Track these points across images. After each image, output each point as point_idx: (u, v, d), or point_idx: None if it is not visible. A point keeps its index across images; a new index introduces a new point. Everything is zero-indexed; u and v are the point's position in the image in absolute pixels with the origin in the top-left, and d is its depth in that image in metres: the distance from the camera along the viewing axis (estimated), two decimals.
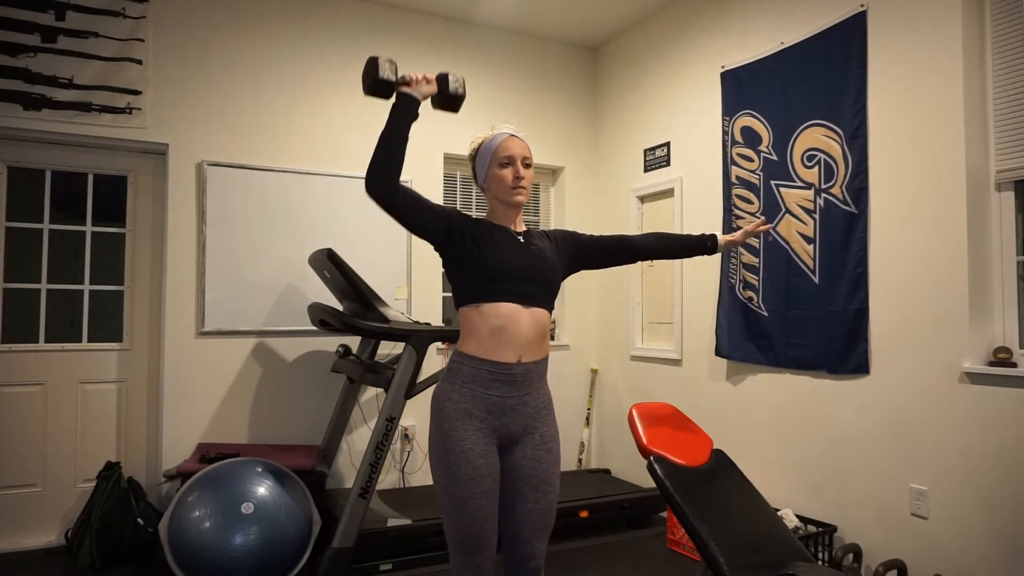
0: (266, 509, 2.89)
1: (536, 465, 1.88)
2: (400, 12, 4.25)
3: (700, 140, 3.91)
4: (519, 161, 1.92)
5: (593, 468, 4.62)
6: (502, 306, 1.84)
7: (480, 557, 1.80)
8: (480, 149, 1.98)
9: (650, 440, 2.42)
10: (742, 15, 3.63)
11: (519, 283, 1.87)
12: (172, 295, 3.64)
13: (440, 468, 1.82)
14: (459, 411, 1.82)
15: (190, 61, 3.71)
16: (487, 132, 2.00)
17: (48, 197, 3.60)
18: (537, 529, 1.89)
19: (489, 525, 1.81)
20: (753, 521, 2.34)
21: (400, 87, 1.85)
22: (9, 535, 3.44)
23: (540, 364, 1.92)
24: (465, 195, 4.59)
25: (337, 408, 3.75)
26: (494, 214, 1.99)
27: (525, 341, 1.86)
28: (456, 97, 1.95)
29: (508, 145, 1.93)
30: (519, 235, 1.98)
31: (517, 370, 1.85)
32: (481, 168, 1.98)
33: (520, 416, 1.87)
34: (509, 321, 1.84)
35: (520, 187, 1.92)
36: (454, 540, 1.81)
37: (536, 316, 1.89)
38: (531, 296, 1.88)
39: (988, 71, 2.66)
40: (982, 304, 2.61)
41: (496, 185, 1.94)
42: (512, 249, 1.91)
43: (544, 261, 1.95)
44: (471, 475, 1.78)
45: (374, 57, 1.83)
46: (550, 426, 1.94)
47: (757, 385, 3.50)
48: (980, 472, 2.54)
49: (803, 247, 3.21)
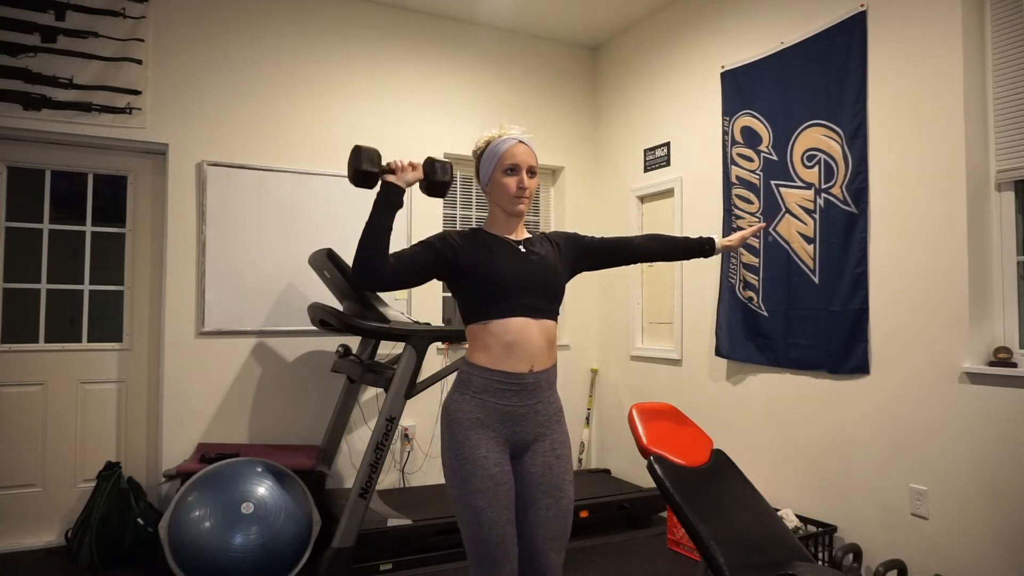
0: (266, 509, 2.89)
1: (547, 472, 1.86)
2: (400, 12, 4.25)
3: (700, 140, 3.91)
4: (524, 170, 1.88)
5: (593, 468, 4.62)
6: (511, 321, 1.83)
7: (502, 572, 1.75)
8: (486, 150, 1.93)
9: (650, 440, 2.42)
10: (742, 15, 3.63)
11: (524, 296, 1.85)
12: (172, 295, 3.64)
13: (455, 478, 1.79)
14: (471, 421, 1.81)
15: (190, 61, 3.71)
16: (495, 131, 1.95)
17: (48, 197, 3.60)
18: (551, 537, 1.84)
19: (508, 536, 1.76)
20: (753, 521, 2.34)
21: (384, 176, 1.82)
22: (9, 535, 3.44)
23: (550, 372, 1.92)
24: (465, 195, 4.59)
25: (337, 408, 3.75)
26: (494, 220, 1.96)
27: (536, 351, 1.86)
28: (443, 183, 1.91)
29: (515, 152, 1.88)
30: (519, 244, 1.94)
31: (528, 379, 1.85)
32: (485, 171, 1.93)
33: (531, 424, 1.87)
34: (519, 335, 1.83)
35: (523, 197, 1.89)
36: (473, 553, 1.77)
37: (544, 327, 1.89)
38: (538, 308, 1.88)
39: (988, 71, 2.66)
40: (982, 304, 2.61)
41: (498, 192, 1.91)
42: (513, 262, 1.88)
43: (546, 270, 1.92)
44: (487, 483, 1.76)
45: (357, 147, 1.82)
46: (560, 433, 1.93)
47: (757, 385, 3.50)
48: (980, 472, 2.54)
49: (803, 247, 3.21)
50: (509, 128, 1.95)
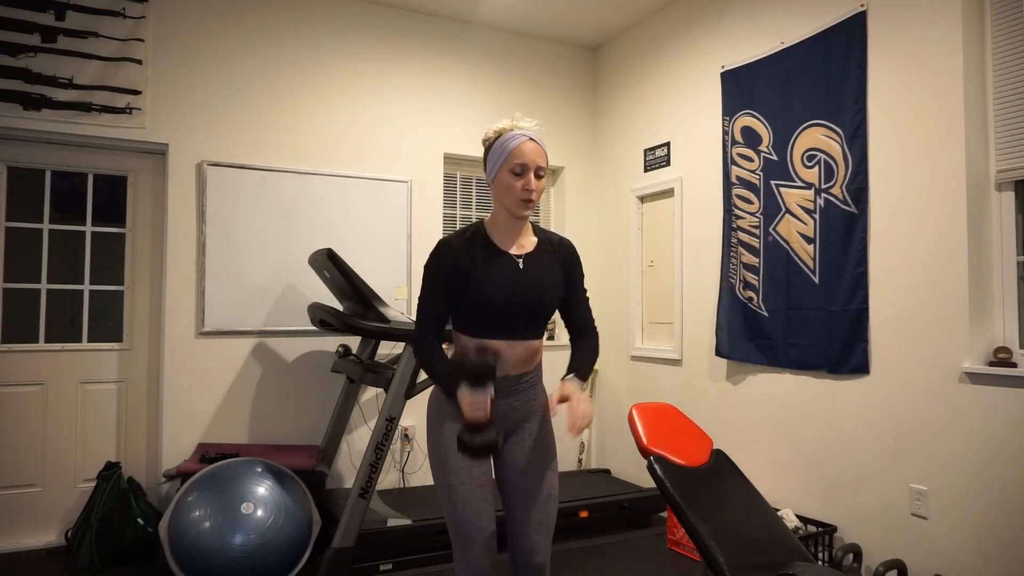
0: (266, 509, 2.89)
1: (526, 459, 1.92)
2: (400, 12, 4.25)
3: (700, 140, 3.90)
4: (532, 171, 1.81)
5: (593, 468, 4.61)
6: (494, 342, 1.85)
7: (477, 547, 1.80)
8: (495, 144, 1.85)
9: (650, 440, 2.42)
10: (742, 15, 3.63)
11: (512, 321, 1.85)
12: (172, 295, 3.64)
13: (435, 462, 1.88)
14: (452, 411, 1.86)
15: (190, 61, 3.71)
16: (506, 121, 1.87)
17: (48, 197, 3.60)
18: (535, 521, 1.90)
19: (483, 514, 1.82)
20: (753, 521, 2.34)
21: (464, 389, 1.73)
22: (9, 535, 3.44)
23: (530, 374, 1.95)
24: (465, 195, 4.58)
25: (337, 408, 3.75)
26: (497, 221, 1.90)
27: (514, 364, 1.90)
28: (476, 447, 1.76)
29: (524, 150, 1.80)
30: (519, 259, 1.88)
31: (504, 384, 1.89)
32: (492, 166, 1.86)
33: (509, 420, 1.93)
34: (499, 353, 1.85)
35: (529, 201, 1.82)
36: (452, 531, 1.84)
37: (527, 345, 1.91)
38: (524, 330, 1.88)
39: (988, 71, 2.66)
40: (982, 304, 2.61)
41: (503, 192, 1.83)
42: (508, 281, 1.84)
43: (541, 291, 1.87)
44: (461, 463, 1.83)
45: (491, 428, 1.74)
46: (542, 425, 1.97)
47: (757, 385, 3.50)
48: (980, 472, 2.54)
49: (803, 247, 3.21)
50: (521, 120, 1.87)
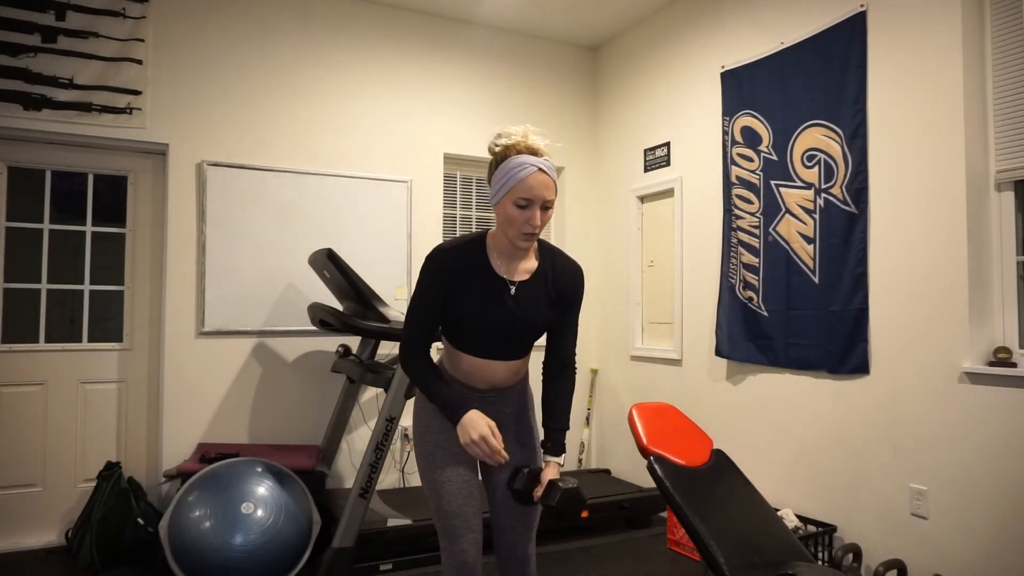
0: (266, 509, 2.89)
1: (509, 452, 1.91)
2: (400, 12, 4.25)
3: (700, 140, 3.90)
4: (538, 205, 1.70)
5: (593, 468, 4.61)
6: (477, 361, 1.87)
7: (464, 541, 1.81)
8: (502, 166, 1.73)
9: (650, 440, 2.42)
10: (742, 15, 3.63)
11: (496, 346, 1.86)
12: (172, 295, 3.64)
13: (422, 458, 1.90)
14: (437, 410, 1.89)
15: (190, 61, 3.71)
16: (517, 134, 1.75)
17: (48, 197, 3.60)
18: (520, 513, 1.93)
19: (469, 508, 1.83)
20: (753, 521, 2.34)
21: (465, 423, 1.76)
22: (9, 535, 3.44)
23: (516, 385, 1.98)
24: (465, 195, 4.59)
25: (337, 408, 3.75)
26: (496, 244, 1.82)
27: (498, 379, 1.92)
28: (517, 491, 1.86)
29: (531, 184, 1.68)
30: (512, 286, 1.81)
31: (490, 394, 1.93)
32: (496, 190, 1.74)
33: (502, 419, 1.96)
34: (481, 370, 1.89)
35: (531, 235, 1.73)
36: (438, 525, 1.85)
37: (510, 365, 1.92)
38: (507, 354, 1.89)
39: (988, 71, 2.66)
40: (982, 304, 2.61)
41: (506, 222, 1.74)
42: (495, 311, 1.78)
43: (529, 320, 1.82)
44: (447, 460, 1.85)
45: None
46: (525, 425, 2.00)
47: (757, 385, 3.50)
48: (980, 472, 2.54)
49: (803, 247, 3.21)
50: (531, 135, 1.75)
